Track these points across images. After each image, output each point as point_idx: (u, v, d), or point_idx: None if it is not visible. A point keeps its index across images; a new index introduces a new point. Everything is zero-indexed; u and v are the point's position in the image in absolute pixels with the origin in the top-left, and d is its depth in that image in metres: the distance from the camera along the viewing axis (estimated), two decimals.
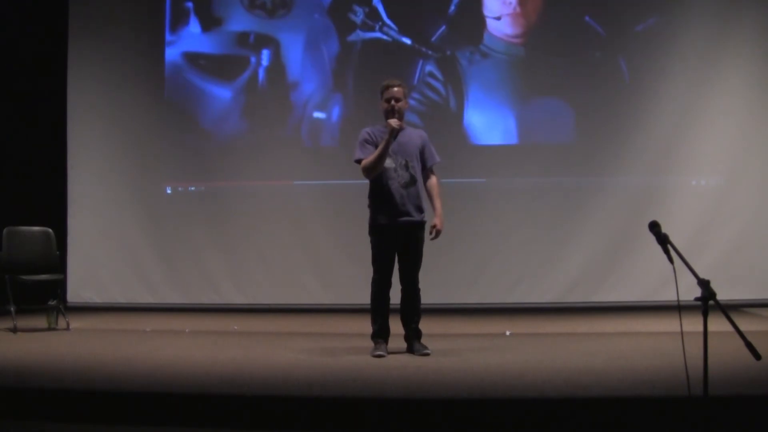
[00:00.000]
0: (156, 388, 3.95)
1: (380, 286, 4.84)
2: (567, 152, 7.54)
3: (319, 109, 7.81)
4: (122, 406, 3.80)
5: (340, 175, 7.52)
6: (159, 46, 8.00)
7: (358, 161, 4.83)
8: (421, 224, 4.87)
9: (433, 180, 4.97)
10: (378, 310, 4.87)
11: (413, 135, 4.95)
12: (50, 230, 6.69)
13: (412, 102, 7.22)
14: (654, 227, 3.12)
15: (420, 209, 4.86)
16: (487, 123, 7.65)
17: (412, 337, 4.91)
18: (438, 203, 4.92)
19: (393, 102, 4.80)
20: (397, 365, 4.48)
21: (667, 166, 7.40)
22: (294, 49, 7.83)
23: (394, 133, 4.72)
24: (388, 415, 3.59)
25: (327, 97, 7.81)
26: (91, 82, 8.02)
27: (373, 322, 4.90)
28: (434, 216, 4.89)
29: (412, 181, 4.83)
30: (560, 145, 7.57)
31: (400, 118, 4.82)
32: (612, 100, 7.49)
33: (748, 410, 3.46)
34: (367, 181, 4.89)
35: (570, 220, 7.46)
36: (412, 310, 4.90)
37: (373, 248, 4.88)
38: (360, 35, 7.75)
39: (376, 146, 4.78)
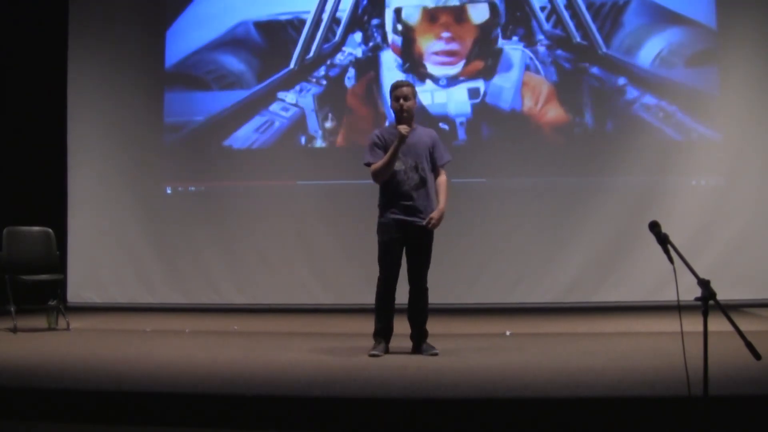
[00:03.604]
0: (156, 388, 3.95)
1: (386, 286, 4.85)
2: (568, 152, 7.54)
3: (320, 108, 7.81)
4: (122, 406, 3.80)
5: (340, 175, 7.53)
6: (159, 45, 8.00)
7: (368, 164, 4.85)
8: (431, 228, 4.86)
9: (441, 178, 4.96)
10: (383, 308, 4.87)
11: (423, 135, 4.95)
12: (50, 230, 6.69)
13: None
14: (654, 227, 3.12)
15: (429, 210, 4.84)
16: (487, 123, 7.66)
17: (419, 337, 4.91)
18: (443, 198, 4.90)
19: (402, 101, 4.81)
20: (397, 365, 4.48)
21: (667, 166, 7.40)
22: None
23: (403, 139, 4.73)
24: (388, 415, 3.59)
25: (328, 95, 7.81)
26: (91, 82, 8.02)
27: (377, 321, 4.89)
28: (436, 209, 4.86)
29: (422, 182, 4.84)
30: (561, 145, 7.57)
31: (410, 117, 4.84)
32: (612, 98, 7.50)
33: (748, 410, 3.46)
34: (371, 182, 4.91)
35: (570, 220, 7.46)
36: (419, 310, 4.90)
37: (380, 247, 4.88)
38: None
39: (385, 149, 4.79)
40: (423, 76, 7.64)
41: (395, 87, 4.89)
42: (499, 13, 7.61)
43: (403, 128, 4.73)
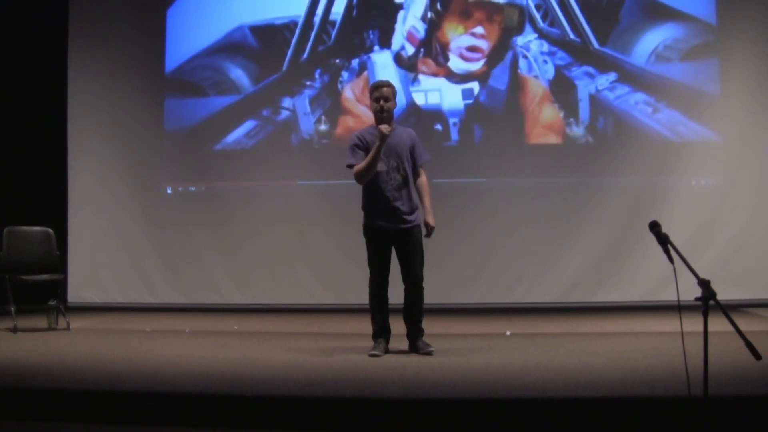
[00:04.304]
0: (156, 388, 3.95)
1: (377, 287, 4.87)
2: (566, 152, 7.54)
3: (320, 108, 7.81)
4: (122, 406, 3.81)
5: (340, 175, 7.47)
6: (160, 46, 8.00)
7: (350, 166, 4.85)
8: (415, 226, 4.89)
9: (422, 179, 4.98)
10: (377, 309, 4.90)
11: (403, 135, 4.96)
12: (50, 230, 6.68)
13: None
14: (654, 227, 3.12)
15: (413, 210, 4.87)
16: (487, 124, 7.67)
17: (415, 335, 4.91)
18: (428, 201, 4.92)
19: (382, 102, 4.82)
20: (397, 365, 4.48)
21: (666, 166, 7.40)
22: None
23: (384, 138, 4.73)
24: (388, 415, 3.60)
25: (323, 97, 7.81)
26: (91, 82, 8.01)
27: (373, 322, 4.93)
28: (425, 214, 4.88)
29: (405, 182, 4.85)
30: (559, 145, 7.57)
31: (389, 117, 4.85)
32: (610, 97, 7.50)
33: (748, 410, 3.46)
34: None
35: (570, 220, 7.46)
36: (416, 309, 4.91)
37: (368, 249, 4.91)
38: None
39: (367, 150, 4.80)
40: (422, 73, 7.63)
41: (375, 87, 4.89)
42: (522, 15, 7.58)
43: (384, 127, 4.72)
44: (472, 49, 7.62)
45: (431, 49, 7.67)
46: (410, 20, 7.69)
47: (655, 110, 7.45)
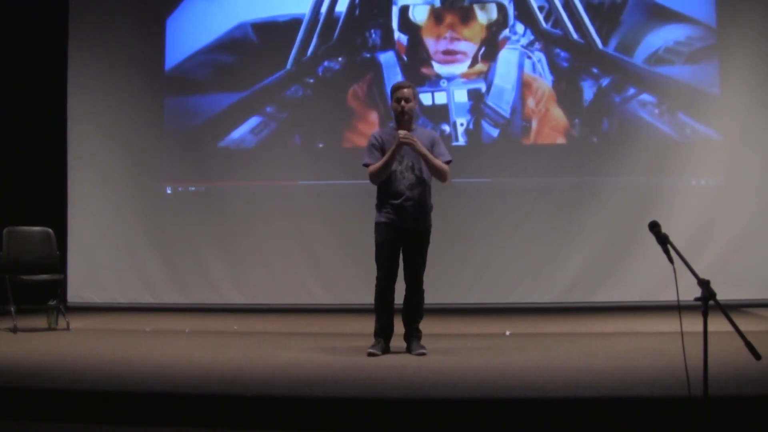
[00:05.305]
0: (156, 388, 3.95)
1: (384, 285, 4.86)
2: (567, 152, 7.54)
3: (318, 108, 7.81)
4: (122, 406, 3.80)
5: (340, 175, 7.53)
6: (160, 45, 8.00)
7: (366, 165, 4.87)
8: (425, 230, 4.89)
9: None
10: (381, 308, 4.89)
11: (422, 136, 4.94)
12: (50, 230, 6.68)
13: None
14: (654, 227, 3.12)
15: (424, 212, 4.87)
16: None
17: (412, 336, 4.92)
18: (432, 157, 4.78)
19: (403, 102, 4.83)
20: (396, 365, 4.48)
21: (667, 166, 7.40)
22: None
23: (400, 146, 4.70)
24: (388, 415, 3.59)
25: (326, 96, 7.81)
26: (92, 81, 8.01)
27: (377, 320, 4.92)
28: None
29: (418, 182, 4.84)
30: (560, 145, 7.57)
31: (410, 119, 4.87)
32: (612, 98, 7.50)
33: (748, 410, 3.46)
34: (369, 182, 4.92)
35: (570, 220, 7.46)
36: (415, 311, 4.92)
37: (377, 247, 4.90)
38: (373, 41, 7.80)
39: (383, 150, 4.82)
40: (425, 76, 7.65)
41: (396, 88, 4.91)
42: (505, 14, 7.60)
43: (402, 133, 4.72)
44: (451, 52, 7.63)
45: (418, 56, 7.67)
46: (395, 31, 7.72)
47: (658, 111, 7.45)
